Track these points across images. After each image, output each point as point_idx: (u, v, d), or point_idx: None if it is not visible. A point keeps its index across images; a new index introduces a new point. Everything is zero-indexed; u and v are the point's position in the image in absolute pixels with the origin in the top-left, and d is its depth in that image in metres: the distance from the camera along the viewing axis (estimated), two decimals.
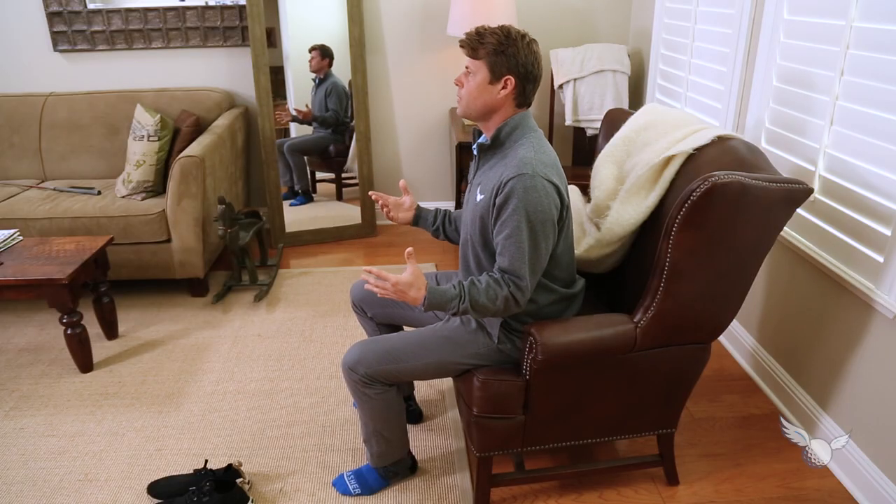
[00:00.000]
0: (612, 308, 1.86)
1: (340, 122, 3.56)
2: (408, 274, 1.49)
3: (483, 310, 1.52)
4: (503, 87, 1.53)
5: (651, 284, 1.55)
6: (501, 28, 1.52)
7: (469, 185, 1.71)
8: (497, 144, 1.59)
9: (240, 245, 2.92)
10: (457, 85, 1.60)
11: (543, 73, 3.46)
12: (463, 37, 1.55)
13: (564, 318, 1.64)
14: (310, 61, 3.42)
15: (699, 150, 1.66)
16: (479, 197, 1.59)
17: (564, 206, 1.56)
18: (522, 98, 1.56)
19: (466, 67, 1.57)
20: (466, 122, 3.28)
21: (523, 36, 1.52)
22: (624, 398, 1.69)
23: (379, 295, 1.52)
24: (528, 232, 1.47)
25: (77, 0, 3.33)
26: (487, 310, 1.52)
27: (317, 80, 3.48)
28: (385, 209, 1.89)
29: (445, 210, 1.93)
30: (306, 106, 3.50)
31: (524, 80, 1.53)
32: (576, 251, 1.84)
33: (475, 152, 1.67)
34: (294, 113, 3.51)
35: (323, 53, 3.42)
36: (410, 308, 1.93)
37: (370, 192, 1.90)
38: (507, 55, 1.50)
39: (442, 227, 1.90)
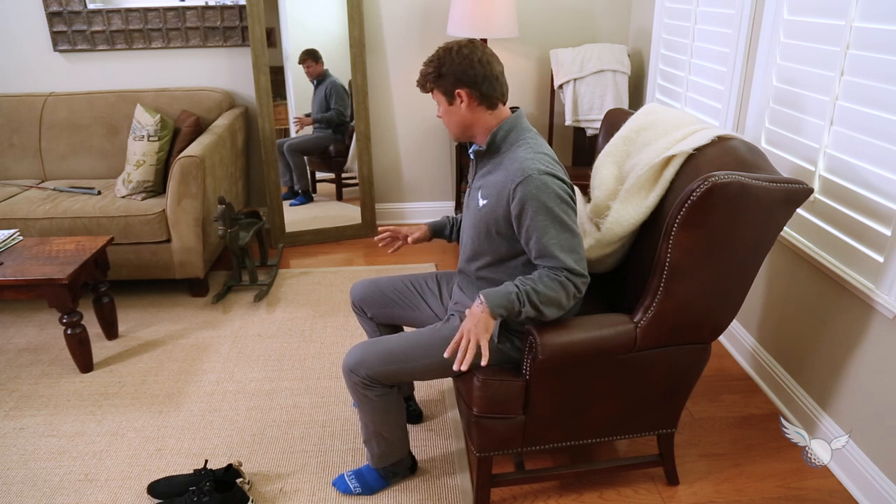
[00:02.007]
0: (612, 308, 1.86)
1: (343, 121, 3.56)
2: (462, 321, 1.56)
3: (548, 298, 1.48)
4: (461, 101, 1.57)
5: (651, 284, 1.55)
6: (435, 53, 1.58)
7: (469, 189, 1.72)
8: (494, 149, 1.61)
9: (240, 245, 2.92)
10: (440, 118, 1.67)
11: (547, 70, 3.43)
12: (418, 79, 1.63)
13: (565, 317, 1.64)
14: (306, 71, 3.43)
15: (699, 150, 1.66)
16: (481, 202, 1.61)
17: (574, 194, 1.58)
18: (486, 100, 1.58)
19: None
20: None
21: (450, 48, 1.56)
22: (624, 398, 1.69)
23: (468, 360, 1.48)
24: (556, 225, 1.49)
25: (77, 0, 3.33)
26: (552, 297, 1.48)
27: (315, 83, 3.48)
28: (395, 242, 1.91)
29: (454, 218, 1.95)
30: (304, 116, 3.51)
31: (472, 84, 1.56)
32: None
33: (472, 157, 1.68)
34: (294, 125, 3.52)
35: (314, 58, 3.42)
36: (411, 308, 1.93)
37: (380, 230, 1.90)
38: (445, 74, 1.56)
39: (457, 234, 1.94)
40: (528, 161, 1.51)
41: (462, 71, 1.54)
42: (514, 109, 1.64)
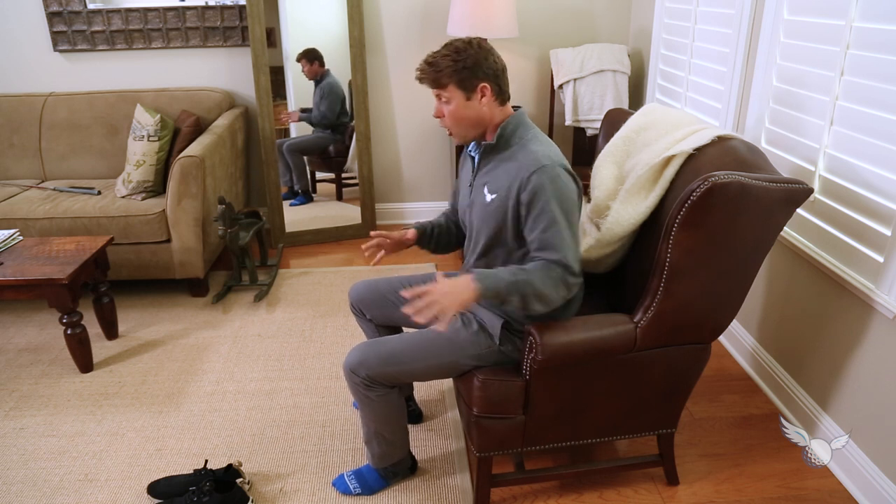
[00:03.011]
0: (612, 308, 1.86)
1: (333, 123, 3.55)
2: (442, 279, 1.43)
3: (540, 293, 1.45)
4: (482, 96, 1.56)
5: (651, 284, 1.55)
6: (447, 47, 1.55)
7: (471, 187, 1.71)
8: (503, 144, 1.61)
9: (240, 245, 2.92)
10: (438, 117, 1.61)
11: (547, 70, 3.45)
12: (418, 73, 1.57)
13: (565, 317, 1.64)
14: (303, 71, 3.43)
15: (699, 150, 1.66)
16: (488, 197, 1.60)
17: (581, 194, 1.59)
18: (502, 95, 1.59)
19: (438, 97, 1.58)
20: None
21: (469, 42, 1.55)
22: (624, 398, 1.69)
23: (424, 316, 1.39)
24: (564, 221, 1.50)
25: (77, 0, 3.33)
26: (543, 293, 1.45)
27: (315, 83, 3.48)
28: (378, 252, 1.83)
29: (433, 225, 1.89)
30: (290, 112, 3.51)
31: (494, 78, 1.56)
32: None
33: (473, 154, 1.68)
34: (288, 118, 3.52)
35: (310, 58, 3.41)
36: None
37: (371, 233, 1.82)
38: (468, 66, 1.52)
39: (436, 242, 1.90)
40: (542, 153, 1.52)
41: (486, 64, 1.53)
42: (515, 108, 1.65)
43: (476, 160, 1.68)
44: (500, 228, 1.60)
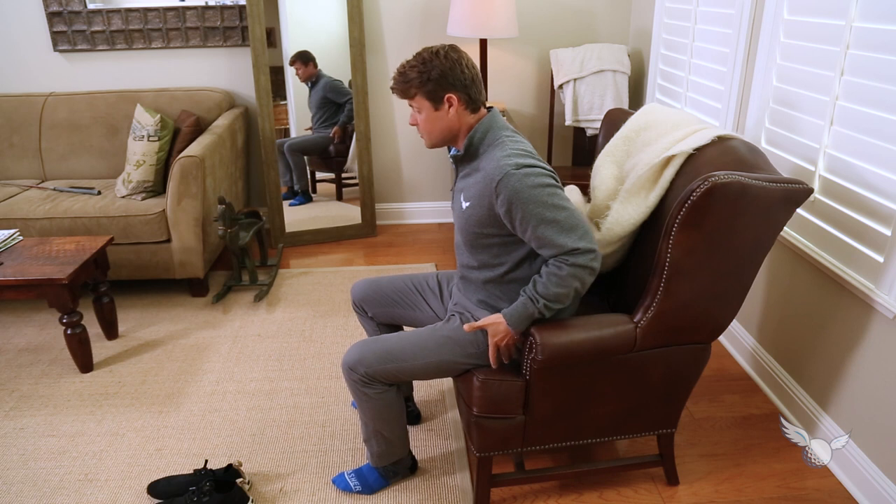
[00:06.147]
0: (612, 308, 1.87)
1: (351, 114, 3.56)
2: (484, 320, 1.59)
3: (559, 296, 1.51)
4: (450, 106, 1.56)
5: (651, 284, 1.55)
6: (417, 57, 1.55)
7: (453, 192, 1.73)
8: (472, 152, 1.62)
9: (240, 245, 2.92)
10: (413, 125, 1.63)
11: (547, 70, 3.44)
12: (391, 83, 1.60)
13: (564, 317, 1.64)
14: (297, 74, 3.43)
15: (699, 150, 1.66)
16: (464, 204, 1.62)
17: (555, 175, 1.57)
18: (472, 104, 1.58)
19: (412, 107, 1.60)
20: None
21: (437, 52, 1.54)
22: (624, 398, 1.69)
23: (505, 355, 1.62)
24: (547, 210, 1.48)
25: (77, 0, 3.33)
26: (563, 294, 1.51)
27: (310, 84, 3.48)
28: None
29: None
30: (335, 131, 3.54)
31: (462, 88, 1.55)
32: None
33: (452, 162, 1.69)
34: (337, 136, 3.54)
35: (304, 60, 3.41)
36: (411, 308, 1.93)
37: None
38: (433, 79, 1.53)
39: None
40: (503, 159, 1.51)
41: (452, 75, 1.53)
42: (488, 109, 1.64)
43: (455, 168, 1.70)
44: (479, 234, 1.61)
